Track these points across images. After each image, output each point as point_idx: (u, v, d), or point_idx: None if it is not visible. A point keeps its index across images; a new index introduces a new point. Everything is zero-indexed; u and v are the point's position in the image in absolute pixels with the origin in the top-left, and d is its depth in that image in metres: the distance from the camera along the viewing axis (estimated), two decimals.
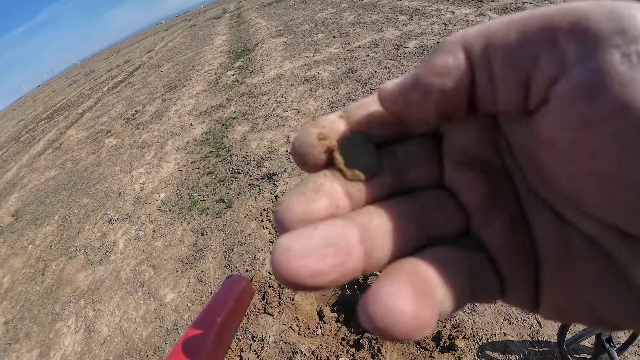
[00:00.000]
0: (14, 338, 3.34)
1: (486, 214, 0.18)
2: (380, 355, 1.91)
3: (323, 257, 0.15)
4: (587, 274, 0.16)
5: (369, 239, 0.17)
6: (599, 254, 0.15)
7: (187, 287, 2.93)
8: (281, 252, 0.15)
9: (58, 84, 31.61)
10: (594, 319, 0.16)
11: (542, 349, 1.73)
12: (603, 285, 0.15)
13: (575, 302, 0.16)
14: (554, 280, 0.17)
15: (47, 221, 5.08)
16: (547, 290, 0.18)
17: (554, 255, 0.17)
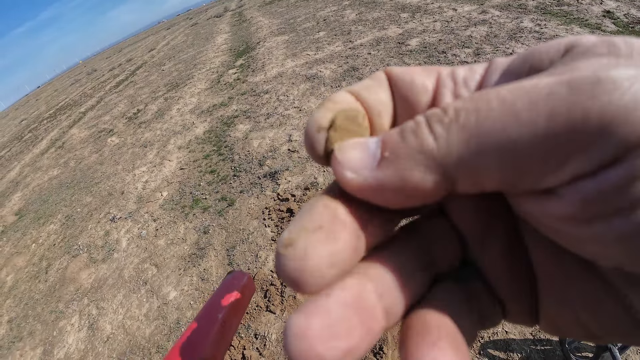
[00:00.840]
0: (17, 336, 3.36)
1: (483, 240, 0.19)
2: (382, 353, 1.91)
3: (350, 331, 0.14)
4: (581, 295, 0.16)
5: (387, 295, 0.16)
6: (593, 277, 0.16)
7: (189, 285, 2.94)
8: (301, 336, 0.13)
9: (60, 83, 31.70)
10: (588, 335, 0.17)
11: (544, 347, 1.73)
12: (597, 306, 0.16)
13: (570, 320, 0.17)
14: (550, 301, 0.18)
15: (50, 220, 5.11)
16: (544, 309, 0.18)
17: (550, 277, 0.17)
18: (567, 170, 0.13)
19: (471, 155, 0.14)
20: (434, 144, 0.14)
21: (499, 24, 5.05)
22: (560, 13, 4.83)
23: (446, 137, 0.14)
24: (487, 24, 5.14)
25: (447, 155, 0.14)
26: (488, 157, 0.13)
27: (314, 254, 0.14)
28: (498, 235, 0.18)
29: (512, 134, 0.13)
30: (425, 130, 0.15)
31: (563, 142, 0.12)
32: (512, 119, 0.13)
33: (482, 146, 0.13)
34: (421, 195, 0.15)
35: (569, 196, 0.13)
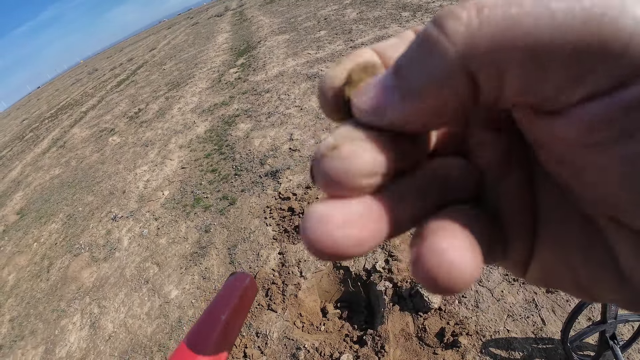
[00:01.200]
0: (19, 335, 3.37)
1: (502, 168, 0.19)
2: (384, 352, 1.92)
3: (365, 225, 0.15)
4: (578, 243, 0.17)
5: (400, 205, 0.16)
6: (592, 229, 0.16)
7: (191, 284, 2.94)
8: (321, 220, 0.15)
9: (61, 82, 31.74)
10: (575, 286, 0.17)
11: (545, 345, 1.73)
12: (591, 257, 0.16)
13: (561, 266, 0.18)
14: (548, 245, 0.18)
15: (52, 219, 5.12)
16: (538, 255, 0.19)
17: (552, 222, 0.18)
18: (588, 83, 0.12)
19: (496, 53, 0.13)
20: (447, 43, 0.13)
21: None
22: None
23: (464, 33, 0.13)
24: None
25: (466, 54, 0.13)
26: (513, 54, 0.12)
27: (360, 157, 0.15)
28: (513, 174, 0.19)
29: (544, 33, 0.12)
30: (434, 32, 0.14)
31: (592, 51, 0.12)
32: (547, 18, 0.12)
33: (511, 43, 0.12)
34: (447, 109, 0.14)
35: (577, 117, 0.13)
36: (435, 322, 1.97)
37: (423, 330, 1.95)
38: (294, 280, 2.53)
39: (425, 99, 0.14)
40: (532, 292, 1.94)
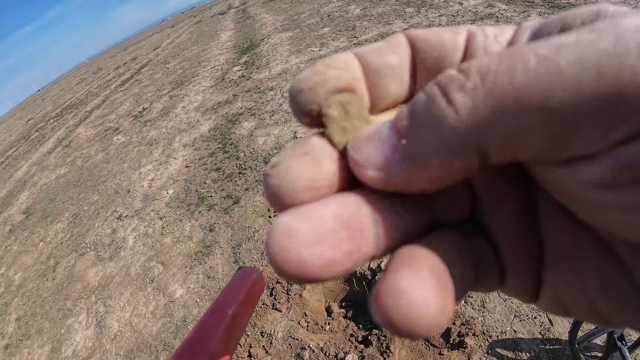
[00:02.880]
0: (25, 334, 3.40)
1: (497, 195, 0.17)
2: (389, 352, 1.91)
3: (338, 242, 0.13)
4: (594, 272, 0.15)
5: (383, 220, 0.15)
6: (608, 255, 0.15)
7: (196, 283, 2.95)
8: (286, 235, 0.13)
9: (66, 82, 31.94)
10: (595, 315, 0.16)
11: (553, 346, 1.71)
12: (609, 285, 0.15)
13: (578, 298, 0.16)
14: (558, 275, 0.17)
15: (57, 218, 5.15)
16: (549, 283, 0.17)
17: (562, 250, 0.17)
18: (614, 135, 0.11)
19: (506, 124, 0.12)
20: (455, 117, 0.12)
21: (505, 17, 4.99)
22: (568, 6, 4.76)
23: (471, 106, 0.12)
24: (494, 18, 5.09)
25: (475, 128, 0.12)
26: (526, 125, 0.12)
27: (294, 174, 0.15)
28: (513, 199, 0.17)
29: (556, 95, 0.11)
30: (442, 103, 0.13)
31: (613, 106, 0.11)
32: (555, 79, 0.11)
33: (520, 113, 0.12)
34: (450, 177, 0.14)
35: (607, 161, 0.12)
36: None
37: None
38: None
39: (429, 168, 0.13)
40: None
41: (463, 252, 0.16)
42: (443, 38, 0.18)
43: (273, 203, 0.15)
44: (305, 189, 0.15)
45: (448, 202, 0.17)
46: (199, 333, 0.33)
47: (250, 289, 0.39)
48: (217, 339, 0.33)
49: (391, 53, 0.18)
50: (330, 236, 0.13)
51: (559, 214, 0.16)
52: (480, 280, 0.17)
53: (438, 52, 0.18)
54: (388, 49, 0.18)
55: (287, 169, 0.15)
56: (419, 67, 0.18)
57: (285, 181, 0.14)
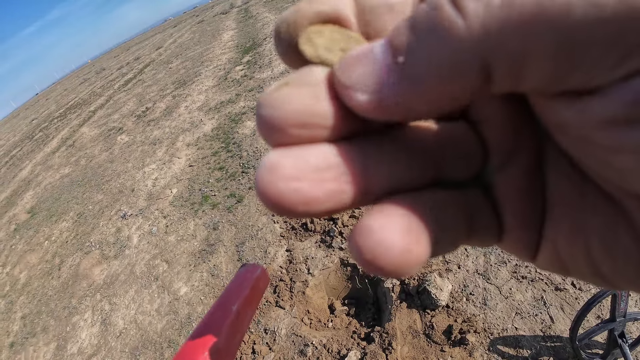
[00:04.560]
0: (31, 332, 3.43)
1: (510, 149, 0.17)
2: (391, 349, 1.92)
3: (320, 181, 0.13)
4: (597, 228, 0.15)
5: (377, 169, 0.14)
6: (613, 210, 0.14)
7: (200, 281, 2.97)
8: (269, 169, 0.13)
9: (70, 82, 32.02)
10: (593, 272, 0.16)
11: (554, 343, 1.72)
12: (612, 242, 0.14)
13: (578, 254, 0.16)
14: (560, 230, 0.16)
15: (62, 217, 5.18)
16: (550, 239, 0.17)
17: (566, 204, 0.16)
18: (628, 64, 0.10)
19: (520, 39, 0.11)
20: (464, 27, 0.11)
21: None
22: None
23: (483, 15, 0.11)
24: None
25: (484, 41, 0.11)
26: (542, 41, 0.11)
27: (289, 106, 0.13)
28: (523, 152, 0.17)
29: (577, 12, 0.10)
30: (450, 11, 0.11)
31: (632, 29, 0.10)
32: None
33: (535, 27, 0.10)
34: (451, 103, 0.13)
35: (618, 95, 0.11)
36: (442, 320, 1.97)
37: (430, 328, 1.96)
38: (302, 277, 2.54)
39: (428, 89, 0.12)
40: (541, 290, 1.94)
41: (455, 204, 0.16)
42: None
43: (263, 134, 0.14)
44: (299, 124, 0.13)
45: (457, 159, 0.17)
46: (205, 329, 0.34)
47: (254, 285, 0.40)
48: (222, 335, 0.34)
49: None
50: (312, 175, 0.13)
51: (566, 167, 0.16)
52: (476, 233, 0.17)
53: None
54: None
55: (283, 99, 0.13)
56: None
57: (279, 112, 0.13)
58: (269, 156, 0.13)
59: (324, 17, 0.15)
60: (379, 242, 0.13)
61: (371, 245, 0.13)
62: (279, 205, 0.13)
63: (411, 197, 0.14)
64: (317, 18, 0.15)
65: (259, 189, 0.13)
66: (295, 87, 0.14)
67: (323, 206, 0.13)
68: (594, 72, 0.11)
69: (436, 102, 0.13)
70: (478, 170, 0.17)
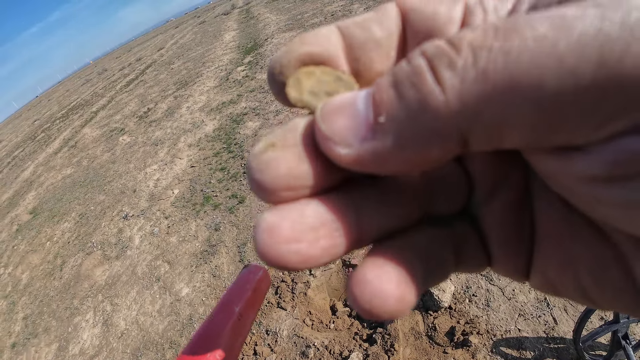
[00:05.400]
0: (33, 333, 3.44)
1: (494, 185, 0.17)
2: (393, 350, 1.92)
3: (315, 240, 0.14)
4: (586, 258, 0.15)
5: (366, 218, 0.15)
6: (602, 242, 0.15)
7: (201, 282, 2.97)
8: (267, 231, 0.14)
9: (72, 83, 32.12)
10: (584, 298, 0.16)
11: (557, 345, 1.71)
12: (601, 272, 0.15)
13: (568, 281, 0.16)
14: (550, 259, 0.17)
15: (64, 218, 5.19)
16: (539, 266, 0.17)
17: (554, 235, 0.16)
18: (610, 127, 0.11)
19: (495, 110, 0.11)
20: (442, 99, 0.11)
21: None
22: None
23: (460, 88, 0.11)
24: None
25: (461, 112, 0.11)
26: (517, 112, 0.11)
27: (275, 171, 0.14)
28: (509, 185, 0.17)
29: (552, 83, 0.10)
30: (430, 80, 0.12)
31: (611, 97, 0.10)
32: (554, 64, 0.10)
33: (510, 100, 0.11)
34: (427, 164, 0.13)
35: (600, 154, 0.11)
36: (445, 321, 1.97)
37: (433, 329, 1.95)
38: (303, 278, 2.54)
39: (406, 150, 0.13)
40: None
41: (443, 240, 0.16)
42: (438, 10, 0.16)
43: (256, 195, 0.15)
44: (286, 187, 0.14)
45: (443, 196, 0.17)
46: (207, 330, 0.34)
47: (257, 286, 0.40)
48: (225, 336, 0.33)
49: (377, 25, 0.16)
50: (309, 235, 0.14)
51: (554, 200, 0.16)
52: (464, 264, 0.17)
53: (431, 25, 0.16)
54: (375, 21, 0.16)
55: (269, 163, 0.14)
56: (410, 41, 0.17)
57: (267, 177, 0.14)
58: (265, 217, 0.14)
59: (314, 59, 0.16)
60: (375, 294, 0.13)
61: (368, 296, 0.13)
62: (279, 265, 0.14)
63: (401, 242, 0.15)
64: (307, 59, 0.16)
65: (259, 250, 0.14)
66: (279, 150, 0.14)
67: (319, 261, 0.14)
68: (575, 134, 0.11)
69: (414, 162, 0.13)
70: (464, 204, 0.18)
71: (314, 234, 0.14)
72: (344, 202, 0.15)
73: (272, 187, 0.14)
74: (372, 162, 0.13)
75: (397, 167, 0.13)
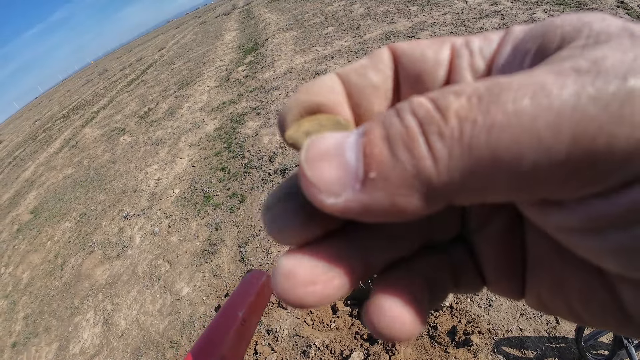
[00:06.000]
0: (33, 332, 3.44)
1: (486, 216, 0.18)
2: (395, 350, 1.91)
3: (329, 280, 0.15)
4: (575, 284, 0.16)
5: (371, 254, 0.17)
6: (590, 269, 0.15)
7: (202, 281, 2.97)
8: (285, 277, 0.15)
9: (73, 83, 32.17)
10: (575, 318, 0.17)
11: (559, 344, 1.70)
12: (589, 296, 0.16)
13: (559, 303, 0.17)
14: (541, 284, 0.18)
15: (65, 218, 5.20)
16: (532, 287, 0.18)
17: (545, 262, 0.17)
18: (583, 192, 0.12)
19: (478, 181, 0.12)
20: (433, 169, 0.12)
21: (511, 15, 4.96)
22: (573, 4, 4.73)
23: (447, 160, 0.12)
24: (499, 16, 5.06)
25: (448, 183, 0.12)
26: (498, 182, 0.12)
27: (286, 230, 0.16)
28: (500, 214, 0.18)
29: (530, 157, 0.11)
30: (423, 147, 0.12)
31: (585, 169, 0.11)
32: (532, 141, 0.11)
33: (491, 171, 0.12)
34: (413, 216, 0.14)
35: (576, 210, 0.13)
36: (446, 320, 1.96)
37: (434, 329, 1.94)
38: None
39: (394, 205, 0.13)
40: None
41: (443, 266, 0.18)
42: (426, 54, 0.17)
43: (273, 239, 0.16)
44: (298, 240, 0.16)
45: (439, 225, 0.19)
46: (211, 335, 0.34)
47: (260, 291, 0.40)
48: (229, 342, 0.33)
49: (373, 71, 0.18)
50: (322, 277, 0.15)
51: (544, 237, 0.17)
52: (463, 286, 0.19)
53: (420, 68, 0.17)
54: (370, 67, 0.18)
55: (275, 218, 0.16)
56: (402, 83, 0.18)
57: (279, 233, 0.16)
58: (283, 263, 0.15)
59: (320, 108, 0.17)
60: (393, 321, 0.15)
61: (386, 323, 0.15)
62: (297, 306, 0.15)
63: (405, 270, 0.17)
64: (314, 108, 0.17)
65: (279, 293, 0.15)
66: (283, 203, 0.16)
67: (334, 298, 0.16)
68: (552, 195, 0.12)
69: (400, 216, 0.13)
70: (458, 232, 0.19)
71: (327, 276, 0.15)
72: (352, 242, 0.16)
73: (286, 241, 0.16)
74: (359, 214, 0.14)
75: (383, 219, 0.14)
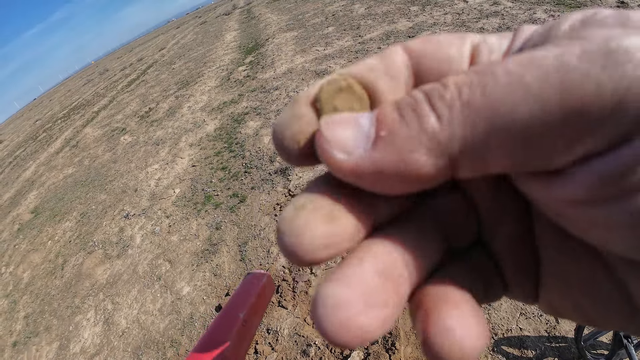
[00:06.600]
0: (34, 331, 3.44)
1: (498, 219, 0.18)
2: (394, 349, 1.91)
3: (387, 300, 0.14)
4: (583, 280, 0.16)
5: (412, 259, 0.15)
6: (597, 263, 0.15)
7: (202, 281, 2.97)
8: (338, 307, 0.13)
9: (73, 83, 32.19)
10: (584, 318, 0.17)
11: (559, 344, 1.70)
12: (597, 292, 0.16)
13: (569, 303, 0.17)
14: (552, 284, 0.18)
15: (65, 217, 5.20)
16: (544, 291, 0.18)
17: (554, 261, 0.17)
18: (579, 148, 0.12)
19: (477, 136, 0.13)
20: (437, 125, 0.13)
21: (511, 15, 4.96)
22: (574, 4, 4.73)
23: (449, 117, 0.13)
24: (500, 16, 5.06)
25: (451, 137, 0.13)
26: (495, 138, 0.12)
27: (310, 234, 0.14)
28: (512, 216, 0.18)
29: (523, 110, 0.12)
30: (427, 108, 0.13)
31: (576, 118, 0.11)
32: (522, 94, 0.12)
33: (489, 125, 0.12)
34: (421, 180, 0.14)
35: (578, 177, 0.13)
36: None
37: None
38: (304, 277, 2.53)
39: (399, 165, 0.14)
40: None
41: (473, 275, 0.17)
42: (444, 49, 0.17)
43: (289, 259, 0.15)
44: (324, 247, 0.14)
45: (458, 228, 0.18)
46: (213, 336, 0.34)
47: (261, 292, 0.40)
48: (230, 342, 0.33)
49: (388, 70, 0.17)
50: (380, 295, 0.14)
51: (551, 229, 0.17)
52: (488, 295, 0.18)
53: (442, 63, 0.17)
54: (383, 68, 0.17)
55: (303, 227, 0.14)
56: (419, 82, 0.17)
57: (302, 239, 0.14)
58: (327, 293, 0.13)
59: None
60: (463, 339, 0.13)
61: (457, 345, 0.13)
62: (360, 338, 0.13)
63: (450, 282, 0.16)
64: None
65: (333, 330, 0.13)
66: (311, 212, 0.14)
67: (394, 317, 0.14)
68: (550, 156, 0.13)
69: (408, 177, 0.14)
70: (475, 236, 0.19)
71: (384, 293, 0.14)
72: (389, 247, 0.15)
73: (309, 249, 0.14)
74: (369, 173, 0.14)
75: (392, 182, 0.14)
